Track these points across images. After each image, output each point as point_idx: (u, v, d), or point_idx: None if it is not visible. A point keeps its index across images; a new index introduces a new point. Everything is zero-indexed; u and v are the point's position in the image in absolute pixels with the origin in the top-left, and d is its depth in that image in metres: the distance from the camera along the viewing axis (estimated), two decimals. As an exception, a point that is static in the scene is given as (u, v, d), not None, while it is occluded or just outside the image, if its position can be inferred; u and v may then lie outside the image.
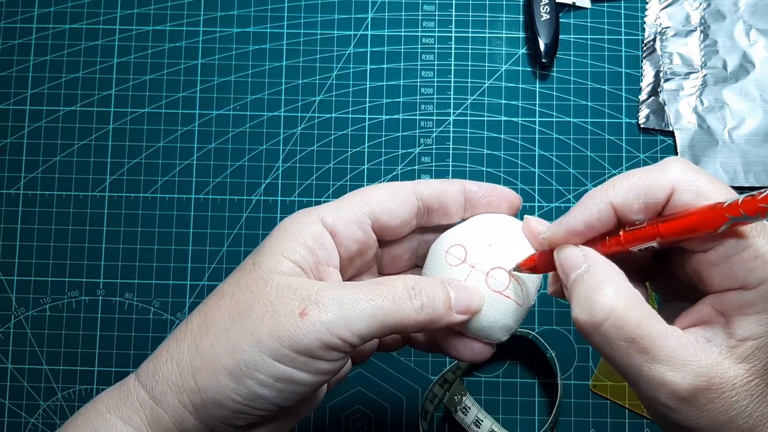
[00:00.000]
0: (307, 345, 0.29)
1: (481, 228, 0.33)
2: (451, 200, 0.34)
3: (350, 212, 0.33)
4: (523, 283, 0.32)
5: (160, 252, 0.49)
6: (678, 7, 0.51)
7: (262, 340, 0.29)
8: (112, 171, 0.50)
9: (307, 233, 0.31)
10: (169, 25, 0.51)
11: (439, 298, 0.31)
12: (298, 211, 0.33)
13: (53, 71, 0.51)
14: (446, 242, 0.33)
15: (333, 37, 0.51)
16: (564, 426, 0.46)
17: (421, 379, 0.47)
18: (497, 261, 0.32)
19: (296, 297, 0.29)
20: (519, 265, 0.32)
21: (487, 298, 0.32)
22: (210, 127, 0.50)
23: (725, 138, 0.49)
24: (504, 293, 0.32)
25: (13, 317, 0.49)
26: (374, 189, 0.34)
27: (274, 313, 0.29)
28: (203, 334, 0.30)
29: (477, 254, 0.32)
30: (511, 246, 0.32)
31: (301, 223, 0.32)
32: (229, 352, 0.29)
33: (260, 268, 0.31)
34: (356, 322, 0.29)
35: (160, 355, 0.31)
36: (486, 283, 0.32)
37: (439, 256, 0.33)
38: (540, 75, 0.50)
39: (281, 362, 0.29)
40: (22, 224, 0.49)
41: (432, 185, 0.34)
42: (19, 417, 0.47)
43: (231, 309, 0.30)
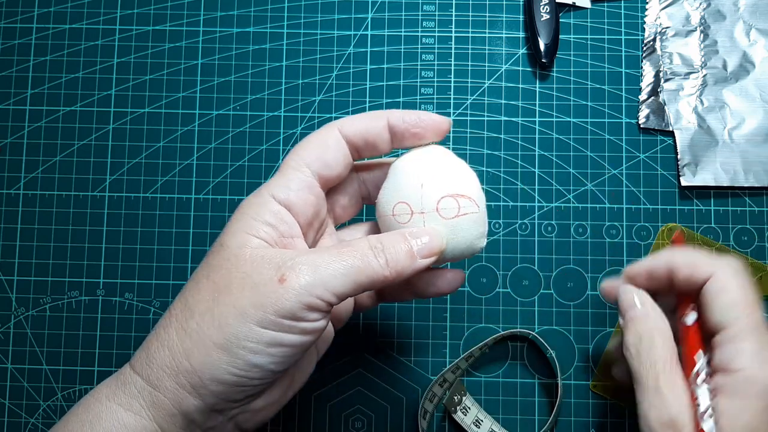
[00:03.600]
0: (290, 308, 0.30)
1: (409, 174, 0.35)
2: (377, 138, 0.36)
3: (297, 181, 0.34)
4: (469, 191, 0.35)
5: (160, 252, 0.49)
6: (678, 7, 0.51)
7: (246, 311, 0.30)
8: (112, 171, 0.50)
9: (265, 212, 0.33)
10: (169, 25, 0.51)
11: (400, 250, 0.33)
12: (250, 195, 0.35)
13: (53, 71, 0.51)
14: (387, 206, 0.35)
15: (333, 37, 0.51)
16: (564, 426, 0.46)
17: (421, 379, 0.47)
18: (437, 194, 0.34)
19: (272, 265, 0.31)
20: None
21: (450, 228, 0.34)
22: (210, 127, 0.50)
23: (725, 138, 0.49)
24: (459, 214, 0.34)
25: (13, 317, 0.49)
26: (306, 147, 0.35)
27: (253, 284, 0.31)
28: (188, 317, 0.31)
29: (418, 200, 0.34)
30: (440, 174, 0.35)
31: (258, 204, 0.34)
32: (217, 328, 0.30)
33: (228, 247, 0.32)
34: (331, 282, 0.31)
35: (150, 344, 0.32)
36: (441, 217, 0.34)
37: (388, 222, 0.35)
38: (540, 75, 0.50)
39: (268, 328, 0.30)
40: (22, 224, 0.49)
41: (356, 124, 0.35)
42: (19, 417, 0.47)
43: (210, 289, 0.32)
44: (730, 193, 0.48)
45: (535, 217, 0.48)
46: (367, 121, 0.36)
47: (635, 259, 0.48)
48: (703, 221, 0.48)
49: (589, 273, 0.48)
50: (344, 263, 0.31)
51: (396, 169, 0.36)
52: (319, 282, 0.31)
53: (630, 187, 0.49)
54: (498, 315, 0.48)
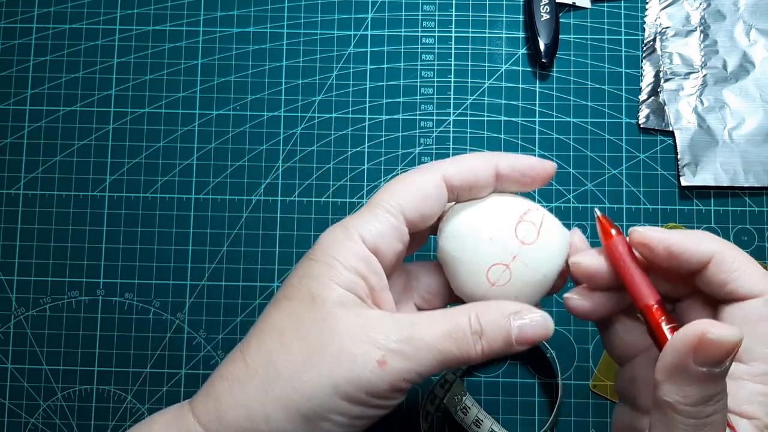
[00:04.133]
0: (383, 389, 0.29)
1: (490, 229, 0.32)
2: (483, 188, 0.33)
3: (387, 224, 0.31)
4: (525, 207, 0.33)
5: (160, 252, 0.49)
6: (678, 7, 0.51)
7: (338, 386, 0.29)
8: (112, 171, 0.50)
9: (353, 257, 0.30)
10: (169, 25, 0.51)
11: (499, 337, 0.30)
12: (334, 228, 0.32)
13: (53, 71, 0.51)
14: (480, 268, 0.32)
15: (333, 37, 0.51)
16: (564, 426, 0.46)
17: (421, 379, 0.47)
18: (509, 230, 0.32)
19: (372, 342, 0.29)
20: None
21: (539, 248, 0.32)
22: (210, 127, 0.50)
23: (725, 138, 0.49)
24: (539, 227, 0.32)
25: (13, 317, 0.49)
26: (403, 190, 0.32)
27: (351, 358, 0.29)
28: (272, 379, 0.29)
29: (501, 251, 0.32)
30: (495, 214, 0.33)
31: (345, 246, 0.31)
32: (305, 398, 0.29)
33: (323, 302, 0.30)
34: (426, 367, 0.29)
35: (221, 396, 0.30)
36: (525, 244, 0.32)
37: (489, 292, 0.32)
38: (540, 75, 0.50)
39: (356, 404, 0.29)
40: (22, 224, 0.49)
41: (463, 172, 0.32)
42: (19, 417, 0.47)
43: (300, 350, 0.29)
44: (730, 193, 0.48)
45: (535, 217, 0.48)
46: (474, 167, 0.32)
47: (635, 259, 0.48)
48: (703, 221, 0.48)
49: (589, 273, 0.48)
50: (441, 348, 0.29)
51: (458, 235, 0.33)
52: (416, 368, 0.29)
53: (630, 187, 0.49)
54: (498, 315, 0.47)
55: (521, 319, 0.31)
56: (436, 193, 0.32)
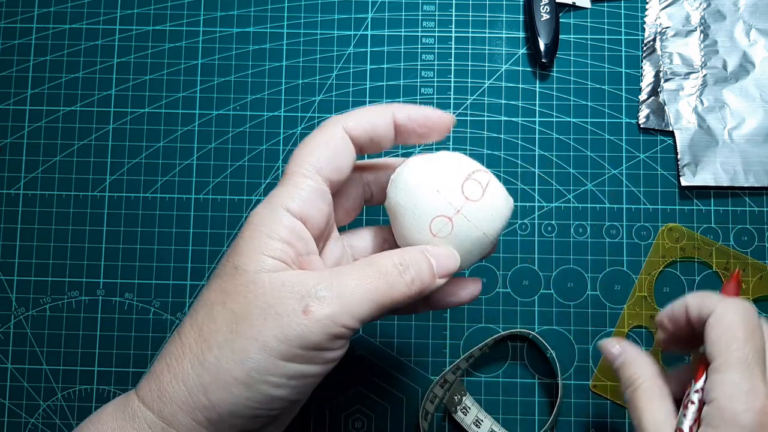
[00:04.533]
0: (315, 340, 0.29)
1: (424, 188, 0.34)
2: (383, 137, 0.34)
3: (309, 190, 0.32)
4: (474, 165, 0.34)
5: (160, 252, 0.49)
6: (678, 7, 0.51)
7: (269, 345, 0.29)
8: (112, 171, 0.50)
9: (279, 227, 0.31)
10: (169, 25, 0.51)
11: (424, 268, 0.32)
12: (259, 206, 0.32)
13: (53, 71, 0.51)
14: (424, 218, 0.33)
15: (333, 37, 0.51)
16: (564, 426, 0.46)
17: (421, 379, 0.47)
18: (456, 186, 0.33)
19: (294, 295, 0.30)
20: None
21: (484, 206, 0.34)
22: (210, 127, 0.50)
23: (725, 138, 0.49)
24: (485, 186, 0.34)
25: (13, 317, 0.49)
26: (312, 150, 0.33)
27: (275, 315, 0.29)
28: (205, 350, 0.30)
29: (446, 205, 0.33)
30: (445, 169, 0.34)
31: (271, 219, 0.31)
32: (238, 363, 0.29)
33: (245, 271, 0.30)
34: (356, 308, 0.30)
35: (161, 375, 0.30)
36: (471, 200, 0.34)
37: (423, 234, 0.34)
38: (540, 75, 0.50)
39: (292, 361, 0.29)
40: (22, 224, 0.49)
41: (361, 122, 0.33)
42: (19, 417, 0.47)
43: (227, 318, 0.30)
44: (730, 193, 0.48)
45: (535, 217, 0.48)
46: (372, 118, 0.33)
47: (635, 259, 0.48)
48: (703, 221, 0.48)
49: (589, 273, 0.48)
50: (369, 286, 0.30)
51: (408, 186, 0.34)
52: (345, 310, 0.30)
53: (630, 187, 0.49)
54: (498, 315, 0.48)
55: (434, 254, 0.33)
56: (344, 146, 0.33)
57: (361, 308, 0.30)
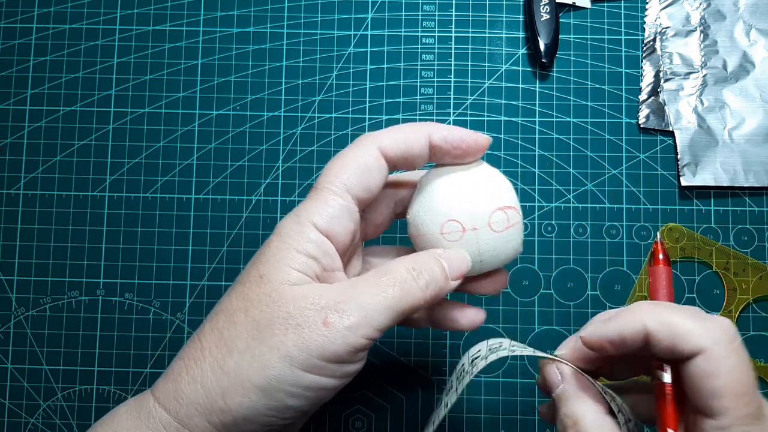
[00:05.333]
0: (336, 351, 0.30)
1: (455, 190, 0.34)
2: (417, 157, 0.34)
3: (338, 207, 0.32)
4: (513, 201, 0.35)
5: (160, 252, 0.49)
6: (678, 7, 0.51)
7: (290, 354, 0.29)
8: (112, 171, 0.50)
9: (306, 242, 0.32)
10: (169, 25, 0.51)
11: (437, 271, 0.32)
12: (287, 218, 0.33)
13: (53, 71, 0.51)
14: (432, 224, 0.34)
15: (333, 37, 0.51)
16: (564, 426, 0.46)
17: (421, 379, 0.47)
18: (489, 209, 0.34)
19: (315, 306, 0.30)
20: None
21: (501, 240, 0.34)
22: (210, 127, 0.50)
23: (725, 138, 0.49)
24: (509, 225, 0.34)
25: (13, 317, 0.49)
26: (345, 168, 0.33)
27: (296, 326, 0.30)
28: (225, 355, 0.30)
29: (470, 217, 0.33)
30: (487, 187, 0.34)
31: (299, 233, 0.32)
32: (258, 370, 0.30)
33: (269, 281, 0.31)
34: (376, 318, 0.30)
35: (179, 377, 0.31)
36: (493, 231, 0.34)
37: (434, 240, 0.34)
38: (540, 75, 0.50)
39: (311, 372, 0.30)
40: (22, 224, 0.49)
41: (397, 142, 0.33)
42: (19, 417, 0.47)
43: (248, 325, 0.30)
44: (730, 193, 0.48)
45: (535, 217, 0.48)
46: (408, 138, 0.33)
47: (635, 259, 0.48)
48: (703, 221, 0.48)
49: (589, 273, 0.48)
50: (386, 295, 0.30)
51: (434, 185, 0.34)
52: (365, 321, 0.30)
53: (630, 187, 0.49)
54: (498, 315, 0.48)
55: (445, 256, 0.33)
56: (377, 165, 0.33)
57: (380, 317, 0.30)
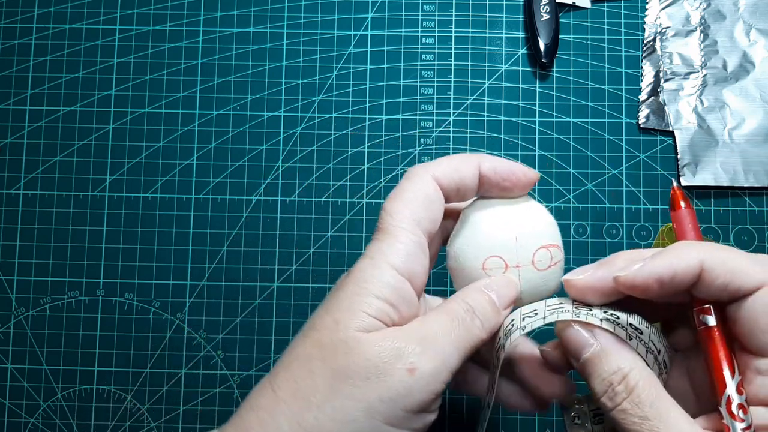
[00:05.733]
0: (420, 398, 0.28)
1: (499, 226, 0.33)
2: (468, 189, 0.33)
3: (411, 244, 0.31)
4: (557, 240, 0.34)
5: (160, 252, 0.49)
6: (678, 7, 0.51)
7: (373, 406, 0.28)
8: (112, 171, 0.50)
9: (388, 290, 0.30)
10: (169, 25, 0.51)
11: (487, 308, 0.31)
12: (362, 260, 0.31)
13: (53, 71, 0.51)
14: (475, 260, 0.33)
15: (333, 37, 0.51)
16: (564, 426, 0.46)
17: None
18: (533, 247, 0.33)
19: (396, 353, 0.29)
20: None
21: (542, 279, 0.33)
22: (210, 127, 0.50)
23: (725, 138, 0.49)
24: (552, 264, 0.33)
25: (13, 317, 0.49)
26: (410, 204, 0.31)
27: (378, 375, 0.28)
28: (303, 408, 0.28)
29: (514, 254, 0.33)
30: (532, 226, 0.34)
31: (375, 276, 0.30)
32: (340, 424, 0.28)
33: (345, 327, 0.29)
34: (450, 361, 0.29)
35: (251, 428, 0.29)
36: (536, 269, 0.33)
37: (475, 275, 0.33)
38: (540, 75, 0.50)
39: (394, 425, 0.28)
40: (22, 224, 0.49)
41: (450, 173, 0.33)
42: (19, 417, 0.47)
43: (326, 375, 0.29)
44: (730, 193, 0.48)
45: (535, 217, 0.48)
46: (459, 168, 0.33)
47: (635, 259, 0.48)
48: (703, 221, 0.48)
49: (589, 273, 0.48)
50: (453, 336, 0.30)
51: (478, 218, 0.34)
52: (444, 365, 0.29)
53: (630, 187, 0.49)
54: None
55: (493, 287, 0.32)
56: (436, 196, 0.32)
57: (452, 360, 0.29)
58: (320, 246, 0.49)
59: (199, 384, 0.48)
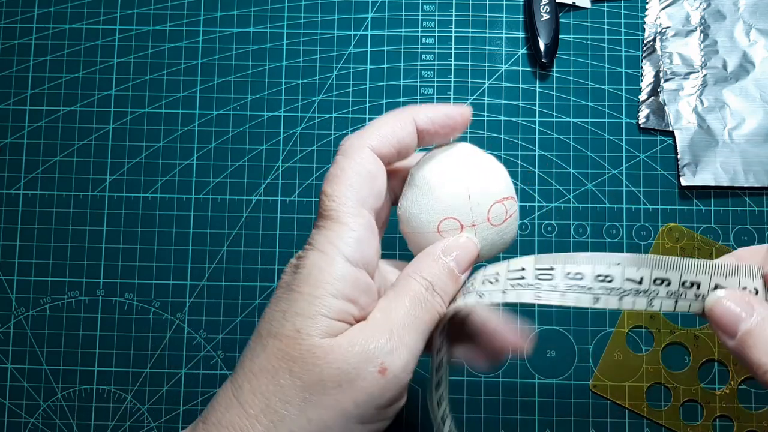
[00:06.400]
0: (391, 395, 0.28)
1: (448, 184, 0.32)
2: (409, 147, 0.32)
3: (362, 229, 0.30)
4: (510, 191, 0.33)
5: (160, 252, 0.49)
6: (678, 7, 0.51)
7: (347, 411, 0.28)
8: (112, 171, 0.50)
9: (341, 283, 0.29)
10: (169, 25, 0.51)
11: (445, 279, 0.30)
12: (312, 254, 0.29)
13: (53, 71, 0.51)
14: (428, 223, 0.32)
15: (333, 37, 0.51)
16: (564, 426, 0.46)
17: (421, 379, 0.47)
18: (487, 203, 0.32)
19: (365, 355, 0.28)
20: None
21: (499, 233, 0.32)
22: (210, 127, 0.50)
23: (725, 138, 0.49)
24: (507, 217, 0.32)
25: (13, 317, 0.49)
26: (352, 181, 0.30)
27: (350, 380, 0.28)
28: (277, 423, 0.28)
29: (468, 213, 0.32)
30: (483, 180, 0.32)
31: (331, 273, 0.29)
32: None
33: (308, 336, 0.28)
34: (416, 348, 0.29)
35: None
36: (492, 225, 0.32)
37: (430, 239, 0.32)
38: (540, 75, 0.50)
39: (367, 422, 0.28)
40: (22, 224, 0.49)
41: (387, 138, 0.31)
42: (19, 417, 0.47)
43: (297, 388, 0.28)
44: (730, 193, 0.48)
45: (535, 217, 0.48)
46: (395, 130, 0.31)
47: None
48: (703, 221, 0.48)
49: (589, 273, 0.48)
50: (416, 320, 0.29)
51: (427, 179, 0.32)
52: (412, 356, 0.28)
53: (630, 187, 0.49)
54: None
55: (451, 251, 0.31)
56: (379, 169, 0.31)
57: (418, 346, 0.29)
58: (320, 246, 0.48)
59: (199, 384, 0.48)
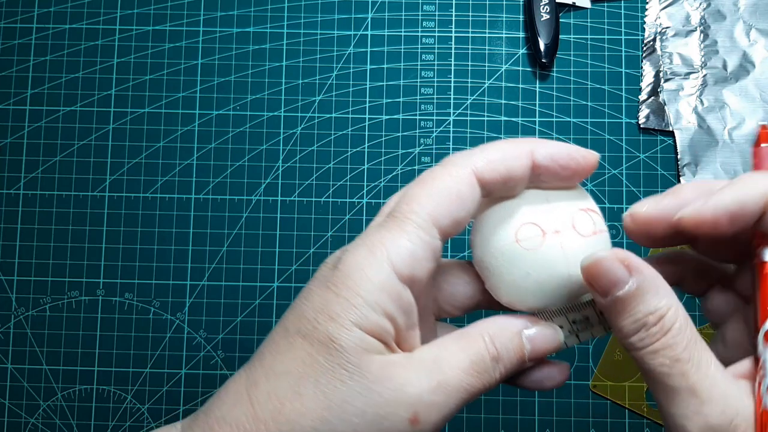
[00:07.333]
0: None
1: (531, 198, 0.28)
2: (519, 182, 0.28)
3: (419, 243, 0.26)
4: (595, 207, 0.29)
5: (160, 252, 0.49)
6: (678, 7, 0.51)
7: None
8: (112, 171, 0.50)
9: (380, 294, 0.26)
10: (169, 25, 0.51)
11: (514, 359, 0.28)
12: (361, 251, 0.26)
13: (53, 71, 0.51)
14: (505, 233, 0.28)
15: (333, 37, 0.51)
16: (564, 426, 0.46)
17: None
18: (570, 207, 0.28)
19: (402, 399, 0.26)
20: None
21: (586, 245, 0.28)
22: (210, 127, 0.50)
23: (725, 138, 0.49)
24: (597, 231, 0.28)
25: (13, 317, 0.49)
26: (434, 197, 0.27)
27: (378, 417, 0.25)
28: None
29: (549, 217, 0.28)
30: (567, 193, 0.29)
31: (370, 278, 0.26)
32: None
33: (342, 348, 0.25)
34: (454, 411, 0.27)
35: None
36: (579, 234, 0.28)
37: (510, 252, 0.28)
38: (540, 75, 0.50)
39: None
40: (22, 224, 0.49)
41: (496, 166, 0.27)
42: (19, 417, 0.47)
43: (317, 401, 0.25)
44: (730, 193, 0.48)
45: (535, 217, 0.48)
46: (506, 159, 0.27)
47: (635, 259, 0.48)
48: (703, 221, 0.48)
49: (589, 273, 0.48)
50: (468, 387, 0.27)
51: (494, 202, 0.29)
52: (447, 414, 0.26)
53: (630, 187, 0.49)
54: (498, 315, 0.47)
55: (530, 331, 0.29)
56: (470, 195, 0.27)
57: (455, 410, 0.26)
58: (320, 246, 0.49)
59: (199, 384, 0.48)
